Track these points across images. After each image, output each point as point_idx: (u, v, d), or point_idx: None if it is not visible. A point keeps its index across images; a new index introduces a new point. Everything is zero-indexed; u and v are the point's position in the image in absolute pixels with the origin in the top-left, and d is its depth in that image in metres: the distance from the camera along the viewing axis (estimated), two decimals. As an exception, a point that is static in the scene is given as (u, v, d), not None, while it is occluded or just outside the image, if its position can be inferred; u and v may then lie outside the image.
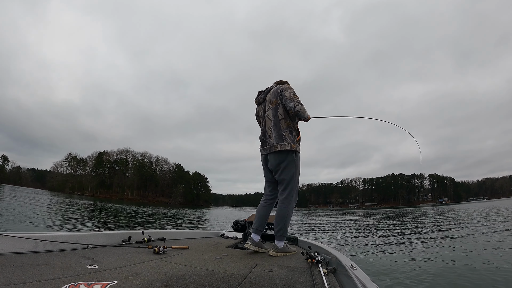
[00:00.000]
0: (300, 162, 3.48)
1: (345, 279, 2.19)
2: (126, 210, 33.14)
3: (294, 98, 3.42)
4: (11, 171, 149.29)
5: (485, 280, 5.29)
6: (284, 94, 3.46)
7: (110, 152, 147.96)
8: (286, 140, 3.34)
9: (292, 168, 3.35)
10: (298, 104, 3.38)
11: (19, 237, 2.50)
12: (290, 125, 3.44)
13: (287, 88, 3.50)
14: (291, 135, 3.40)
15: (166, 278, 2.06)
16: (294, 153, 3.37)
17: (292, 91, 3.49)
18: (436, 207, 71.41)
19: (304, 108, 3.41)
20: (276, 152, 3.39)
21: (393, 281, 5.40)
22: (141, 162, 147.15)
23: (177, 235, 4.52)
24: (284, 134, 3.37)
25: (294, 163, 3.37)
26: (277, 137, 3.39)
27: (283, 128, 3.40)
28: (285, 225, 3.33)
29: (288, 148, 3.31)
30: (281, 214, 3.35)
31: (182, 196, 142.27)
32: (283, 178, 3.39)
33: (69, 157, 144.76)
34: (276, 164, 3.41)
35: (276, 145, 3.38)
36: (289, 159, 3.35)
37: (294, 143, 3.37)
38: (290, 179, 3.36)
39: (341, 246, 10.07)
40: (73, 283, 1.70)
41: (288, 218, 3.36)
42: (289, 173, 3.35)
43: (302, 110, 3.38)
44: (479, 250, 8.08)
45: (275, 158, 3.41)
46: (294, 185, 3.39)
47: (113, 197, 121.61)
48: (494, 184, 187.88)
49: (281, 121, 3.42)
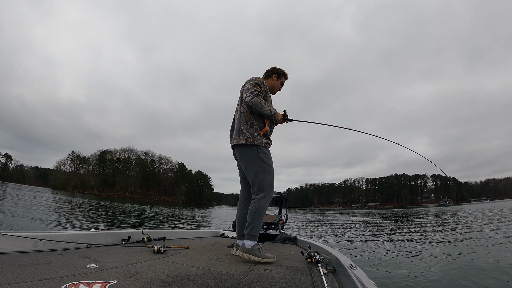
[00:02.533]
0: (269, 155, 3.21)
1: (345, 279, 2.20)
2: (128, 209, 33.14)
3: (250, 89, 3.19)
4: (14, 169, 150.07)
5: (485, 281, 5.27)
6: (245, 86, 3.28)
7: (113, 151, 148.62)
8: (243, 134, 3.15)
9: (255, 163, 3.12)
10: (250, 95, 3.12)
11: (19, 236, 2.51)
12: (251, 118, 3.20)
13: (252, 80, 3.30)
14: (250, 129, 3.16)
15: (165, 277, 2.06)
16: (255, 147, 3.12)
17: (254, 83, 3.25)
18: (440, 208, 71.13)
19: (258, 100, 3.11)
20: (236, 147, 3.26)
21: (393, 281, 5.39)
22: (144, 161, 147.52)
23: (177, 235, 4.53)
24: (242, 127, 3.19)
25: (257, 157, 3.11)
26: (236, 131, 3.26)
27: (242, 122, 3.21)
28: (252, 221, 3.01)
29: (243, 142, 3.13)
30: (250, 209, 3.09)
31: (185, 195, 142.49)
32: (248, 173, 3.21)
33: (72, 156, 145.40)
34: (239, 158, 3.30)
35: (234, 139, 3.25)
36: (250, 154, 3.14)
37: (253, 137, 3.13)
38: (255, 174, 3.12)
39: (342, 246, 10.06)
40: (73, 283, 1.71)
41: (257, 214, 3.04)
42: (252, 168, 3.14)
43: (255, 102, 3.09)
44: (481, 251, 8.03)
45: (237, 152, 3.29)
46: (262, 179, 3.10)
47: (116, 196, 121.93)
48: (497, 185, 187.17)
49: (242, 114, 3.25)
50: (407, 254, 8.05)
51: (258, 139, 3.13)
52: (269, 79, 3.60)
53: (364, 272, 2.29)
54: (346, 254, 3.45)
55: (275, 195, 5.19)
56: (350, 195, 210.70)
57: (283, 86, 3.72)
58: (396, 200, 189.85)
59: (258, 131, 3.16)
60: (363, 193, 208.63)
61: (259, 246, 2.94)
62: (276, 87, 3.64)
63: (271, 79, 3.60)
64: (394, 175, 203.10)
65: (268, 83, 3.54)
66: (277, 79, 3.61)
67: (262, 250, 2.92)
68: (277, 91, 3.70)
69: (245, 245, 2.93)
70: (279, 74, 3.62)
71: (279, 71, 3.62)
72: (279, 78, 3.62)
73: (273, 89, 3.62)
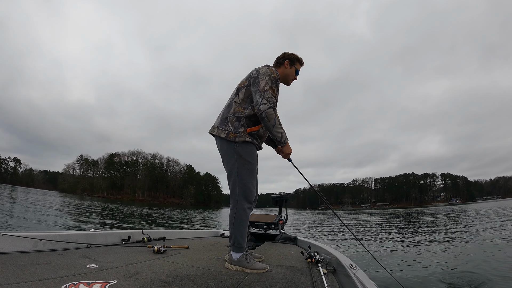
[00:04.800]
0: (250, 151, 2.69)
1: (345, 279, 2.19)
2: (137, 211, 33.31)
3: (267, 93, 2.60)
4: (23, 173, 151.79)
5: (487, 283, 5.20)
6: (257, 81, 2.67)
7: (121, 154, 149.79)
8: (227, 126, 2.69)
9: (231, 159, 2.68)
10: (267, 103, 2.56)
11: (19, 236, 2.54)
12: (243, 112, 2.68)
13: (265, 75, 2.68)
14: (236, 122, 2.67)
15: (165, 277, 2.08)
16: (234, 143, 2.66)
17: (269, 82, 2.65)
18: (449, 207, 70.33)
19: (274, 114, 2.57)
20: (215, 136, 2.82)
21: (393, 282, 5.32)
22: (152, 163, 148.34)
23: (177, 235, 4.55)
24: (228, 118, 2.71)
25: (234, 152, 2.65)
26: (221, 119, 2.77)
27: (230, 112, 2.72)
28: (234, 232, 2.62)
29: (224, 136, 2.67)
30: (230, 218, 2.69)
31: (193, 197, 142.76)
32: (225, 167, 2.80)
33: (80, 159, 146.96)
34: (219, 149, 2.84)
35: (215, 127, 2.79)
36: (228, 148, 2.69)
37: (236, 132, 2.65)
38: (230, 172, 2.71)
39: (343, 246, 10.01)
40: (73, 283, 1.73)
41: (237, 224, 2.61)
42: (228, 163, 2.72)
43: (269, 116, 2.55)
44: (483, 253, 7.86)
45: (216, 142, 2.85)
46: (238, 180, 2.65)
47: (124, 198, 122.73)
48: (507, 183, 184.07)
49: (234, 103, 2.74)
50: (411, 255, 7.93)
51: (241, 136, 2.65)
52: (281, 67, 3.05)
53: (364, 273, 2.28)
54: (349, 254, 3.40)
55: (274, 195, 5.18)
56: (359, 195, 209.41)
57: (298, 74, 3.14)
58: (406, 200, 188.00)
59: (244, 127, 2.67)
60: (372, 193, 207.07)
61: (248, 256, 2.63)
62: (290, 75, 3.08)
63: (283, 67, 3.04)
64: (403, 175, 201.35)
65: (280, 72, 3.01)
66: (290, 66, 3.05)
67: (251, 260, 2.61)
68: (292, 81, 3.14)
69: (232, 256, 2.64)
70: (292, 60, 3.06)
71: (291, 57, 3.07)
72: (292, 65, 3.06)
73: (286, 78, 3.07)
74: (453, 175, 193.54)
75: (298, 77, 3.15)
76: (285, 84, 3.12)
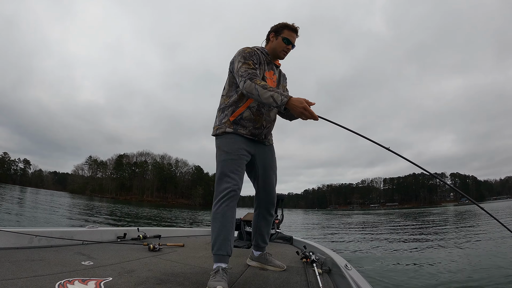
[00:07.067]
0: (228, 141, 2.35)
1: (340, 279, 2.18)
2: (145, 212, 33.46)
3: (240, 70, 2.27)
4: (33, 174, 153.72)
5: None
6: (233, 66, 2.39)
7: (130, 155, 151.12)
8: (215, 122, 2.48)
9: (216, 153, 2.40)
10: (242, 79, 2.22)
11: (14, 232, 2.57)
12: (228, 101, 2.42)
13: (237, 56, 2.38)
14: (221, 115, 2.43)
15: (160, 275, 2.10)
16: (215, 136, 2.43)
17: (242, 59, 2.33)
18: (459, 207, 69.46)
19: (250, 84, 2.16)
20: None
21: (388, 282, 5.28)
22: (161, 164, 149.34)
23: (173, 233, 4.57)
24: (217, 114, 2.50)
25: (216, 146, 2.42)
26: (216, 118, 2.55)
27: (219, 106, 2.51)
28: (211, 234, 2.18)
29: (212, 133, 2.46)
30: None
31: (202, 197, 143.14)
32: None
33: (89, 160, 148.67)
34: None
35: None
36: (215, 144, 2.44)
37: (219, 125, 2.41)
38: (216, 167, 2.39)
39: (343, 246, 9.96)
40: (68, 279, 1.76)
41: (212, 224, 2.19)
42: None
43: (247, 89, 2.17)
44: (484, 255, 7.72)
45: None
46: (216, 178, 2.31)
47: (133, 199, 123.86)
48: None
49: (222, 97, 2.51)
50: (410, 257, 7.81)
51: (221, 127, 2.39)
52: (268, 43, 2.60)
53: (359, 273, 2.27)
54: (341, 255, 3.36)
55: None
56: (368, 196, 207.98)
57: (290, 43, 2.53)
58: (415, 200, 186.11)
59: (228, 117, 2.39)
60: (381, 193, 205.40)
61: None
62: (278, 47, 2.53)
63: (270, 42, 2.58)
64: (412, 175, 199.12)
65: (268, 48, 2.59)
66: (276, 37, 2.53)
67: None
68: (284, 52, 2.57)
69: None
70: (277, 29, 2.54)
71: (276, 27, 2.55)
72: (278, 35, 2.52)
73: (275, 52, 2.56)
74: (462, 175, 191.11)
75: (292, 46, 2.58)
76: (278, 58, 2.63)
